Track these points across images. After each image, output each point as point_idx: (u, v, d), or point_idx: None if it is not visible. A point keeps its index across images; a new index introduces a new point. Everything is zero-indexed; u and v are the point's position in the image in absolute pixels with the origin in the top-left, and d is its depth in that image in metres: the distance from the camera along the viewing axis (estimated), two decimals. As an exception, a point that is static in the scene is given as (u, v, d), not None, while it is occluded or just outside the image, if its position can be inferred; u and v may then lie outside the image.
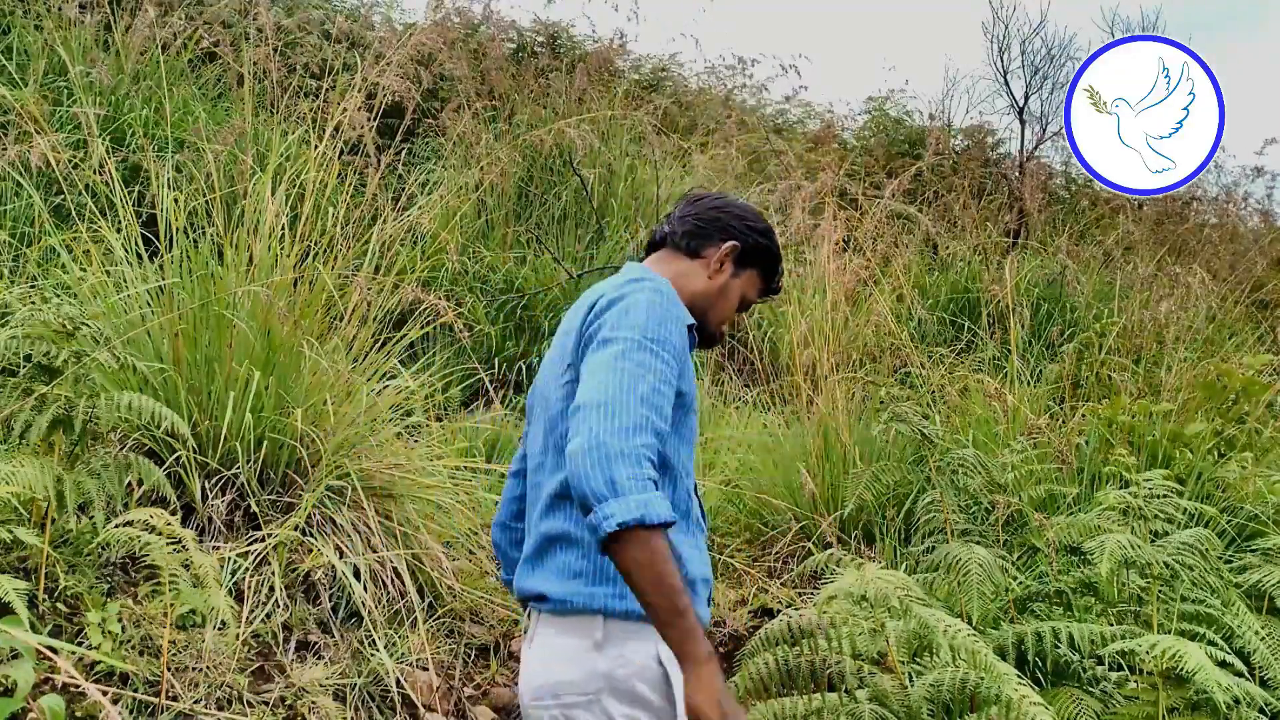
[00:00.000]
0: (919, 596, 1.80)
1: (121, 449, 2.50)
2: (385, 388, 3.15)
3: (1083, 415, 3.66)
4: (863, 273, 4.48)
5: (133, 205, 3.00)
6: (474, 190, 5.14)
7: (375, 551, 2.69)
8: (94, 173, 3.15)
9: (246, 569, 2.44)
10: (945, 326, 5.38)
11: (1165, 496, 2.43)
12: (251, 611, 2.39)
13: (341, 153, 3.20)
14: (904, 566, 3.11)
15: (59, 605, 2.10)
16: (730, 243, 1.67)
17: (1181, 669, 1.78)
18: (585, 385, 1.34)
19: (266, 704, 2.22)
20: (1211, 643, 2.09)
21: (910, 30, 15.86)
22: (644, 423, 1.29)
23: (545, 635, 1.45)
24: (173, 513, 2.23)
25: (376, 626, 2.57)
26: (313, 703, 2.30)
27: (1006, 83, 8.10)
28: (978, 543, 2.70)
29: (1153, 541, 2.35)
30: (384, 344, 3.15)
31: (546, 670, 1.42)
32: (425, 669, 2.64)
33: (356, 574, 2.58)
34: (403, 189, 4.84)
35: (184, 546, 1.90)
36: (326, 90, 3.86)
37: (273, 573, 2.48)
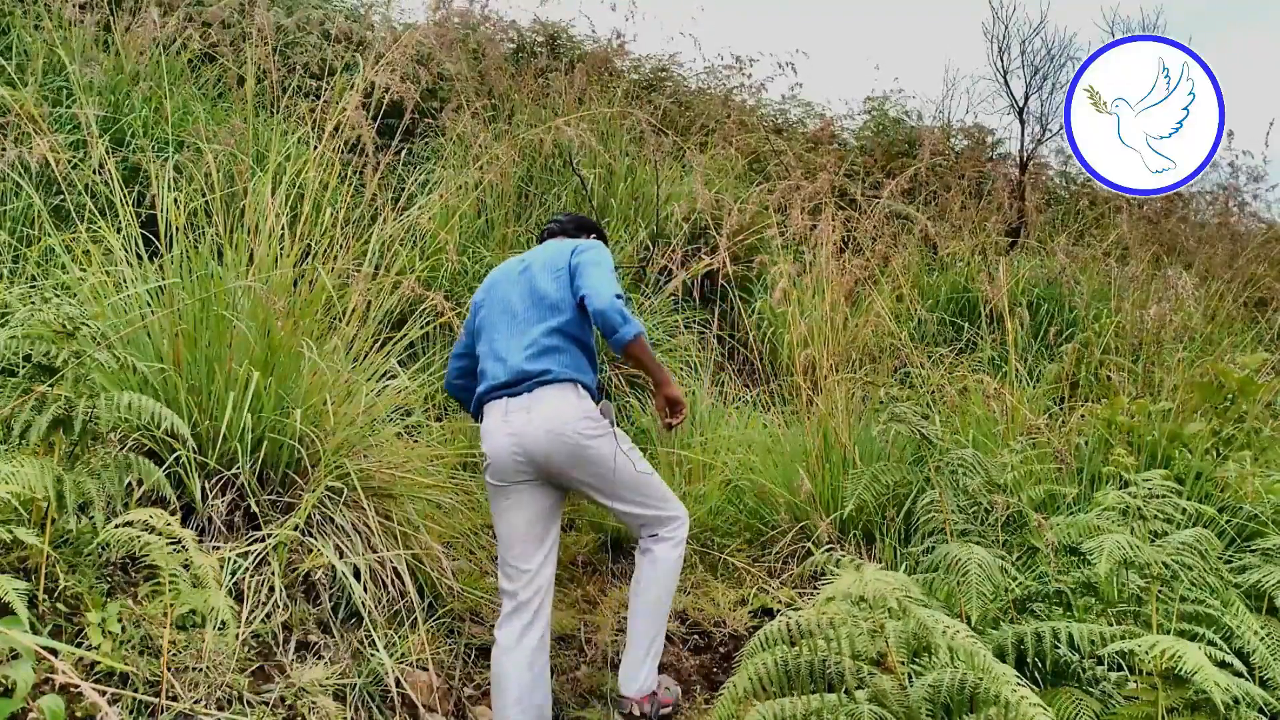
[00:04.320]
0: (917, 597, 1.80)
1: (121, 449, 2.50)
2: (385, 388, 3.15)
3: (1081, 415, 3.66)
4: (861, 273, 4.48)
5: (132, 205, 3.00)
6: (474, 190, 5.14)
7: (375, 551, 2.69)
8: (94, 173, 3.15)
9: (246, 569, 2.44)
10: (945, 326, 5.38)
11: (1164, 497, 2.43)
12: (251, 611, 2.39)
13: (341, 152, 3.20)
14: (904, 567, 3.12)
15: (59, 605, 2.10)
16: (594, 234, 3.23)
17: (1180, 669, 1.78)
18: (593, 279, 2.71)
19: (266, 704, 2.23)
20: (1211, 643, 2.09)
21: (911, 31, 15.86)
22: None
23: (550, 394, 2.66)
24: (173, 513, 2.23)
25: (376, 626, 2.57)
26: (313, 703, 2.30)
27: (1006, 83, 8.10)
28: (977, 543, 2.70)
29: (1152, 542, 2.35)
30: (384, 344, 3.16)
31: (562, 411, 2.64)
32: (425, 669, 2.64)
33: (356, 574, 2.58)
34: (403, 189, 4.84)
35: (184, 546, 1.90)
36: (326, 90, 3.86)
37: (273, 573, 2.48)
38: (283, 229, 2.88)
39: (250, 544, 2.51)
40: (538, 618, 2.61)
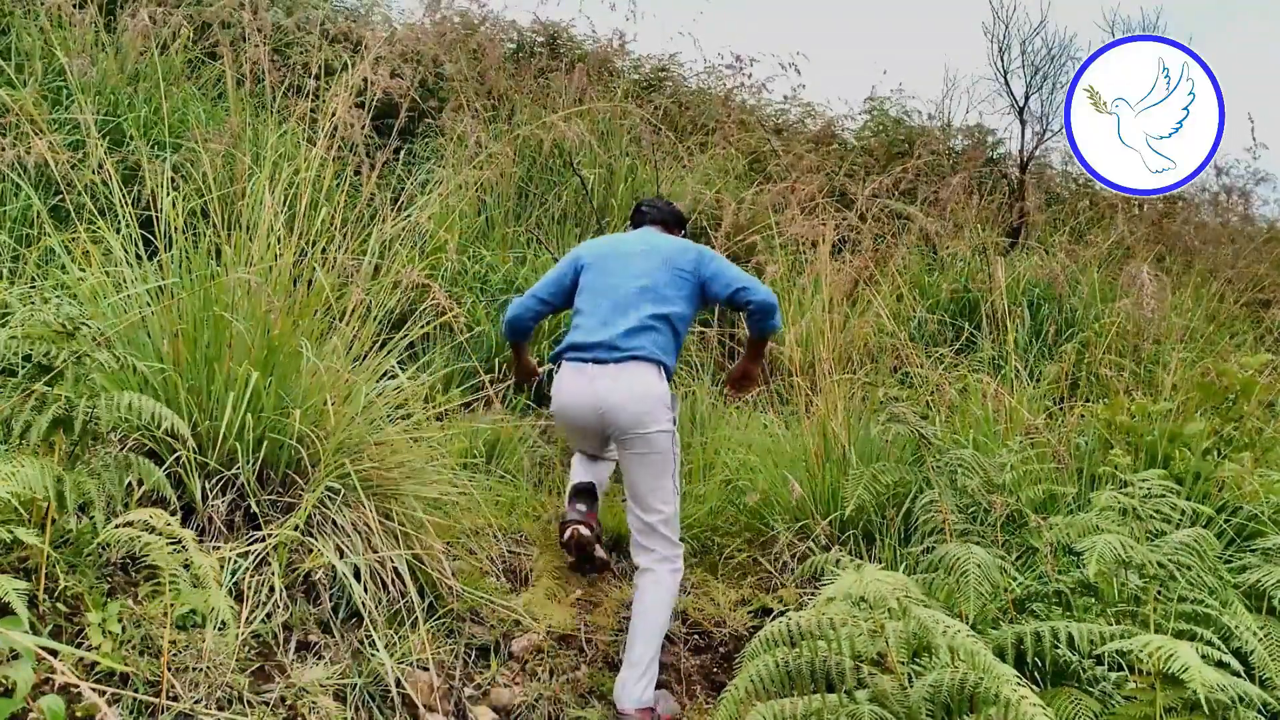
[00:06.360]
0: (917, 597, 1.80)
1: (121, 449, 2.50)
2: (385, 388, 3.15)
3: (1081, 415, 3.66)
4: (860, 273, 4.48)
5: (131, 205, 3.00)
6: (473, 189, 5.14)
7: (375, 551, 2.69)
8: (92, 173, 3.15)
9: (246, 569, 2.44)
10: (945, 326, 5.38)
11: (1162, 496, 2.43)
12: (251, 611, 2.39)
13: (339, 152, 3.20)
14: (903, 567, 3.12)
15: (59, 605, 2.10)
16: (684, 227, 3.48)
17: (1170, 668, 1.78)
18: (736, 274, 3.09)
19: (267, 704, 2.23)
20: (1209, 643, 2.09)
21: (911, 31, 15.86)
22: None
23: (638, 369, 2.90)
24: (173, 513, 2.23)
25: (376, 626, 2.57)
26: (313, 703, 2.30)
27: (1007, 83, 8.09)
28: (976, 543, 2.70)
29: (1150, 541, 2.35)
30: (384, 344, 3.15)
31: (646, 385, 2.89)
32: (425, 669, 2.64)
33: (356, 574, 2.58)
34: (402, 189, 4.84)
35: (184, 547, 1.90)
36: (322, 90, 3.86)
37: (273, 573, 2.48)
38: (280, 229, 2.88)
39: (250, 544, 2.51)
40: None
